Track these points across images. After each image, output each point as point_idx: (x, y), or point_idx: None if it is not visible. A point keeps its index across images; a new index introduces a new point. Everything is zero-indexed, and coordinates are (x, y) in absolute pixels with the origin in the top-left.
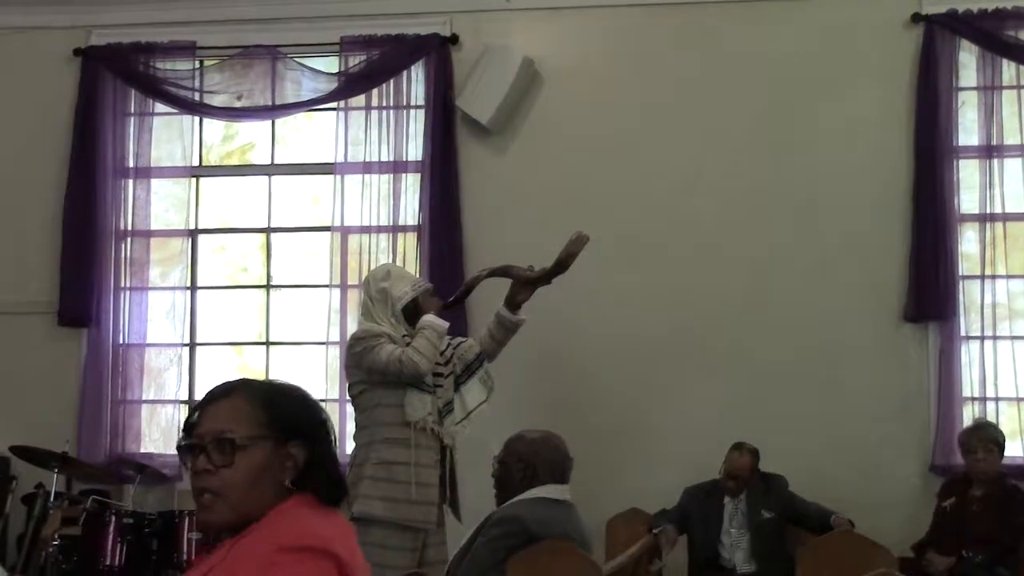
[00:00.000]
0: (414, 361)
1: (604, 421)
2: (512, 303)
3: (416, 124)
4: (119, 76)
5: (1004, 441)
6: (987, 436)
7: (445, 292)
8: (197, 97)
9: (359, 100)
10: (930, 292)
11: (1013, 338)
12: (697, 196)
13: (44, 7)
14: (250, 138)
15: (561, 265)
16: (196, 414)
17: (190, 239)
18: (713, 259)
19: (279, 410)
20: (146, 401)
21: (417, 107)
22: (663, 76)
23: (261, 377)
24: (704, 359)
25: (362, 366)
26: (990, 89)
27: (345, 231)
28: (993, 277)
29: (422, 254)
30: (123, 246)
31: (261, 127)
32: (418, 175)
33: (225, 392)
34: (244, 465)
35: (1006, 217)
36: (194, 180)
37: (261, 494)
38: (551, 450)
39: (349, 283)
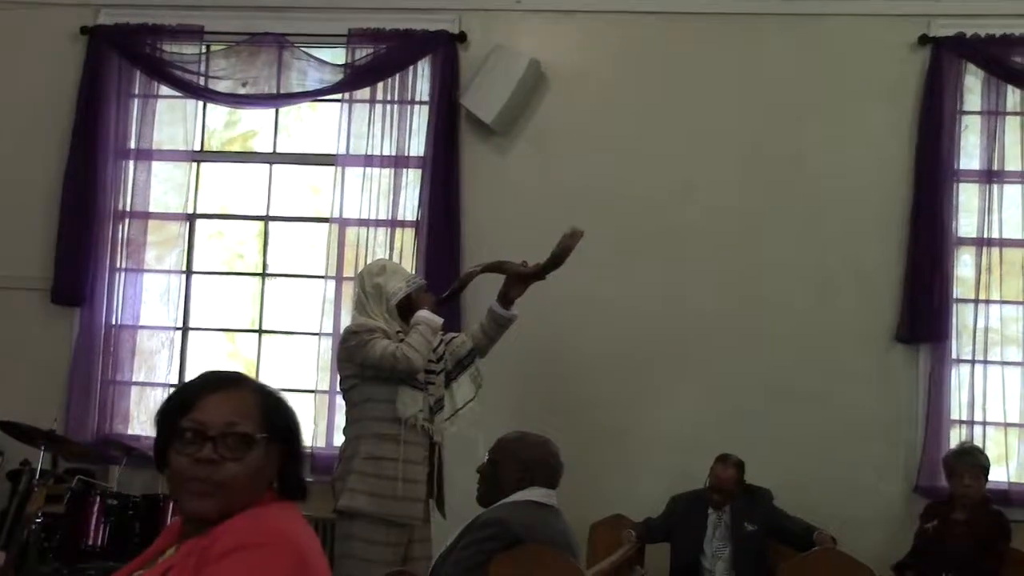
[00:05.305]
0: (408, 357)
1: (591, 424)
2: (505, 299)
3: (419, 120)
4: (125, 56)
5: (990, 466)
6: (974, 462)
7: (441, 289)
8: (202, 82)
9: (364, 93)
10: (923, 314)
11: (1003, 363)
12: (695, 205)
13: None
14: (253, 125)
15: (555, 260)
16: (195, 398)
17: (188, 223)
18: (708, 268)
19: (275, 412)
20: (136, 383)
21: (421, 103)
22: (667, 85)
23: (253, 365)
24: (695, 367)
25: (355, 360)
26: (994, 114)
27: (343, 223)
28: (987, 302)
29: (419, 250)
30: (120, 227)
31: (264, 115)
32: (419, 171)
33: (231, 383)
34: (252, 461)
35: (1003, 243)
36: (195, 164)
37: (253, 492)
38: (549, 456)
39: (345, 275)
